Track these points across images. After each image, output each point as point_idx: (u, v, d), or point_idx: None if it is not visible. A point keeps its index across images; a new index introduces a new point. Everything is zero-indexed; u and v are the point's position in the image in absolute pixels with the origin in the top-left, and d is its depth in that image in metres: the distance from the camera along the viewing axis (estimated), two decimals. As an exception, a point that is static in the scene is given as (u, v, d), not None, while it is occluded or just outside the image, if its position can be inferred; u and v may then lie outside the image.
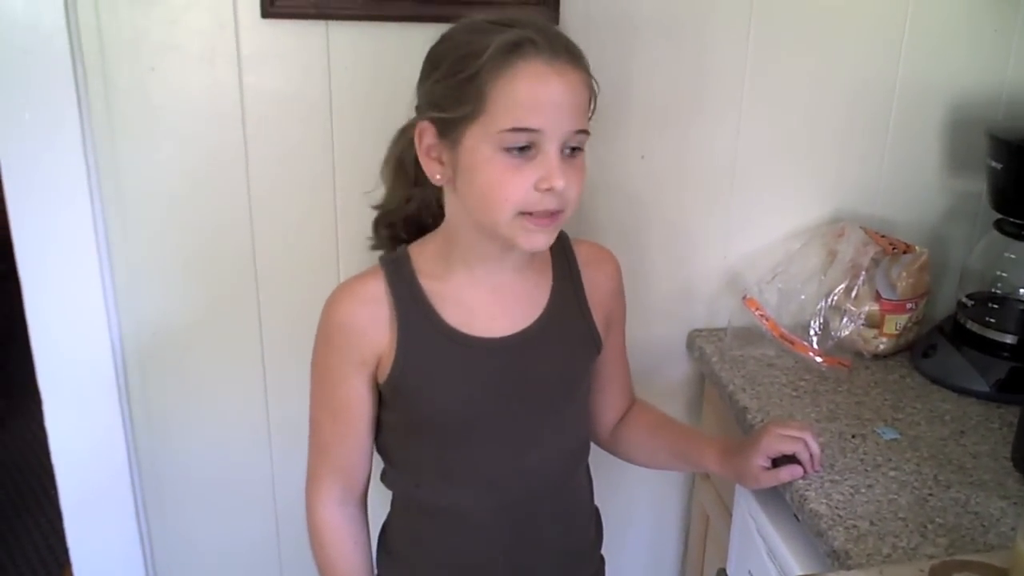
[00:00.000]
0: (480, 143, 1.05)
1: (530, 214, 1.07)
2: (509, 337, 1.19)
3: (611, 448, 1.40)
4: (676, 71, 1.55)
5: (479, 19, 1.07)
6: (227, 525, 1.67)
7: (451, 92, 1.05)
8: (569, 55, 1.05)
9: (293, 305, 1.53)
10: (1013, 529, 1.15)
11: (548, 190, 1.05)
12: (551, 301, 1.22)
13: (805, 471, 1.23)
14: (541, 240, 1.10)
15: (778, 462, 1.24)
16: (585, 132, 1.08)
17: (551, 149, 1.05)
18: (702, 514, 1.71)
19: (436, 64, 1.09)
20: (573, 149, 1.08)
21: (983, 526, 1.16)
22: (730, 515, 1.45)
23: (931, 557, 1.08)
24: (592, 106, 1.11)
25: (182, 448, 1.61)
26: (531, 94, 1.03)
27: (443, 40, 1.10)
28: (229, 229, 1.49)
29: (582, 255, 1.27)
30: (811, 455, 1.23)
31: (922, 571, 1.02)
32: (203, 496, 1.65)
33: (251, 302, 1.54)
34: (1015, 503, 1.20)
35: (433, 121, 1.09)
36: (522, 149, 1.05)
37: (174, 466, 1.62)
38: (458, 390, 1.18)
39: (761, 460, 1.23)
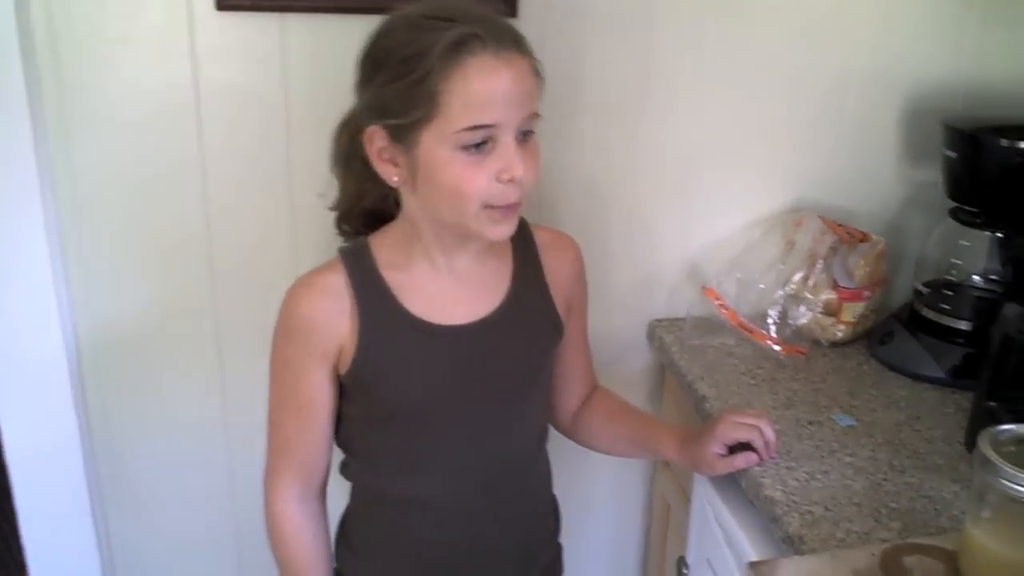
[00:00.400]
0: (437, 144, 1.05)
1: (493, 206, 1.08)
2: (471, 324, 1.19)
3: (571, 435, 1.40)
4: (636, 62, 1.55)
5: (414, 14, 1.06)
6: (186, 524, 1.67)
7: (401, 96, 1.04)
8: (514, 43, 1.05)
9: (250, 301, 1.52)
10: (965, 512, 1.16)
11: (510, 180, 1.06)
12: (512, 287, 1.23)
13: (760, 458, 1.24)
14: (506, 229, 1.11)
15: (734, 450, 1.25)
16: (537, 115, 1.08)
17: (508, 139, 1.05)
18: (663, 503, 1.72)
19: (378, 66, 1.07)
20: (526, 132, 1.08)
21: (936, 510, 1.18)
22: (690, 503, 1.45)
23: (884, 541, 1.10)
24: (541, 87, 1.11)
25: (139, 448, 1.60)
26: (484, 90, 1.03)
27: (380, 39, 1.08)
28: (185, 225, 1.48)
29: (543, 241, 1.27)
30: (766, 442, 1.24)
31: (874, 555, 1.03)
32: (161, 495, 1.64)
33: (208, 298, 1.53)
34: (967, 487, 1.22)
35: (384, 125, 1.08)
36: (479, 144, 1.05)
37: (132, 466, 1.61)
38: (421, 378, 1.18)
39: (716, 447, 1.24)
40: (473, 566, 1.28)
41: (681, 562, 1.44)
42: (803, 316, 1.59)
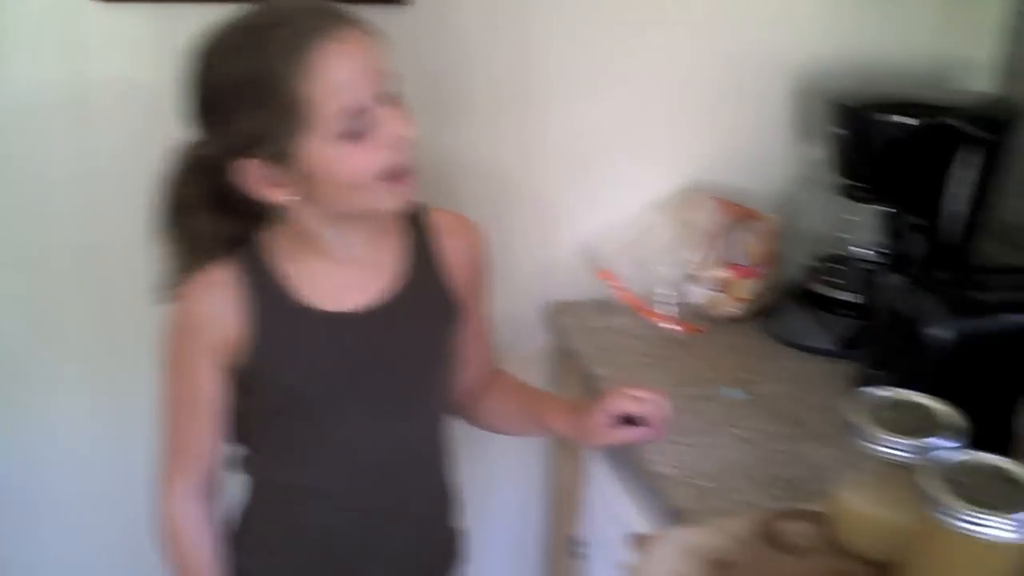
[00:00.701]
0: (320, 147, 1.03)
1: (389, 178, 1.07)
2: (366, 310, 1.18)
3: (471, 418, 1.40)
4: (531, 48, 1.56)
5: (236, 35, 1.03)
6: (74, 535, 1.64)
7: (263, 122, 1.02)
8: (343, 19, 1.04)
9: (133, 302, 1.48)
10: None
11: (398, 143, 1.06)
12: (405, 271, 1.22)
13: (652, 435, 1.21)
14: (404, 197, 1.11)
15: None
16: (395, 74, 1.07)
17: (379, 109, 1.04)
18: (562, 484, 1.74)
19: (224, 104, 1.04)
20: (391, 98, 1.07)
21: (820, 477, 1.20)
22: (586, 483, 1.47)
23: (769, 510, 1.12)
24: (387, 44, 1.08)
25: (19, 461, 1.56)
26: (341, 78, 1.01)
27: (212, 75, 1.05)
28: (67, 227, 1.45)
29: (440, 224, 1.26)
30: (659, 419, 1.21)
31: (752, 522, 1.05)
32: (47, 508, 1.60)
33: (89, 301, 1.50)
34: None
35: (256, 156, 1.05)
36: (359, 127, 1.04)
37: (12, 481, 1.57)
38: (316, 367, 1.17)
39: (604, 416, 1.20)
40: (373, 554, 1.27)
41: (573, 540, 1.45)
42: (699, 295, 1.62)
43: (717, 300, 1.63)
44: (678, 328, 1.59)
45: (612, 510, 1.34)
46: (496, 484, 1.83)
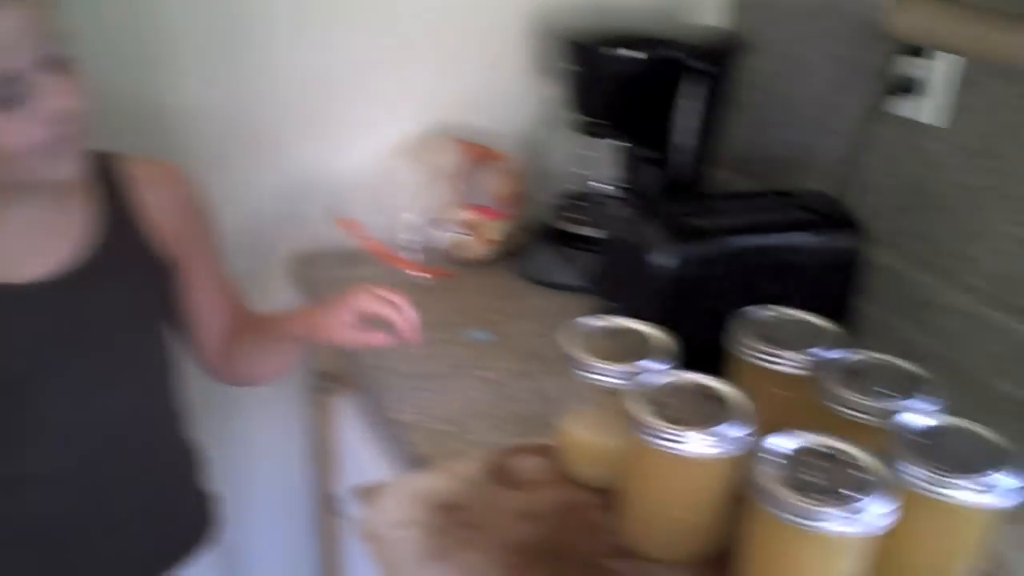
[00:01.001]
0: None
1: (48, 150, 0.99)
2: (51, 278, 1.09)
3: (225, 373, 1.32)
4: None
5: None
6: None
7: None
8: None
9: None
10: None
11: (58, 116, 0.97)
12: (96, 231, 1.12)
13: (397, 340, 1.15)
14: (70, 165, 1.03)
15: None
16: (56, 38, 0.99)
17: (32, 77, 0.95)
18: (319, 440, 1.70)
19: None
20: (56, 63, 0.98)
21: (558, 411, 1.21)
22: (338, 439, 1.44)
23: (498, 447, 1.12)
24: (49, 3, 1.00)
25: None
26: None
27: None
28: None
29: (138, 176, 1.17)
30: (405, 324, 1.14)
31: (482, 461, 1.04)
32: None
33: None
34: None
35: None
36: (6, 96, 0.95)
37: None
38: (1, 345, 1.08)
39: (346, 314, 1.14)
40: (110, 532, 1.19)
41: (331, 499, 1.43)
42: (445, 239, 1.60)
43: (464, 243, 1.62)
44: (426, 274, 1.57)
45: (363, 463, 1.32)
46: (257, 447, 1.78)
